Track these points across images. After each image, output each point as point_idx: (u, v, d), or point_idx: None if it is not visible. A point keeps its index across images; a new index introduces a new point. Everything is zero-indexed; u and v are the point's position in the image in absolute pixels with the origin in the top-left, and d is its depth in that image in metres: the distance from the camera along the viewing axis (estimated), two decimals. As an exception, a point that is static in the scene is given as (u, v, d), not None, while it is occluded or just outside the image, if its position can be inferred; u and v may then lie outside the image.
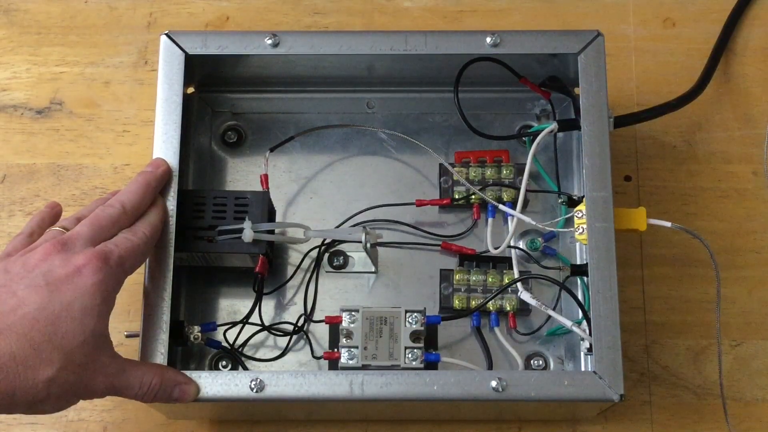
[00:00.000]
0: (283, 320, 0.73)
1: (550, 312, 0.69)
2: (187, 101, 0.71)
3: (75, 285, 0.58)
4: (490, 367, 0.71)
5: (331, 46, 0.70)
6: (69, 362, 0.57)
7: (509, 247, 0.72)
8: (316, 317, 0.72)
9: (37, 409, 0.58)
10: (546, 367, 0.72)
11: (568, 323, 0.68)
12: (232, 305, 0.73)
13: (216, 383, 0.63)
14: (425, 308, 0.67)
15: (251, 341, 0.72)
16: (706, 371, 0.74)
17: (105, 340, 0.59)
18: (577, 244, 0.73)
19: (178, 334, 0.67)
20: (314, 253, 0.74)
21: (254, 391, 0.62)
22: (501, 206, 0.73)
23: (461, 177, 0.74)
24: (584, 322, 0.67)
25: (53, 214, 0.65)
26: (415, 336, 0.66)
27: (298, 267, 0.74)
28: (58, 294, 0.57)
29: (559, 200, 0.73)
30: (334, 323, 0.68)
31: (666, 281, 0.76)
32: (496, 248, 0.72)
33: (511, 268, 0.72)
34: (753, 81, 0.82)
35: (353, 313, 0.67)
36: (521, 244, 0.74)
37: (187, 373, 0.63)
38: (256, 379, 0.62)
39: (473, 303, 0.72)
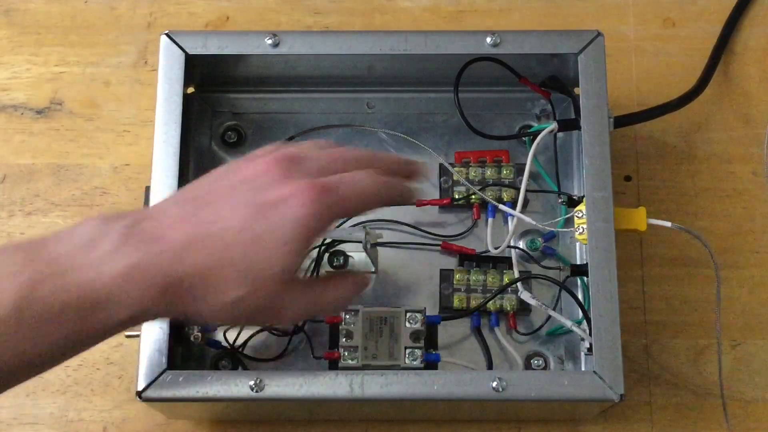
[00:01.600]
0: (283, 320, 0.73)
1: (550, 312, 0.69)
2: (187, 101, 0.71)
3: (282, 213, 0.53)
4: (490, 367, 0.71)
5: (331, 46, 0.70)
6: (256, 289, 0.53)
7: (509, 247, 0.72)
8: (316, 317, 0.72)
9: (216, 324, 0.56)
10: (546, 367, 0.72)
11: (568, 323, 0.68)
12: (232, 305, 0.73)
13: (216, 383, 0.63)
14: (425, 308, 0.67)
15: (251, 341, 0.72)
16: (706, 371, 0.74)
17: (293, 278, 0.55)
18: (577, 244, 0.73)
19: (178, 334, 0.67)
20: (314, 253, 0.74)
21: (254, 391, 0.62)
22: (501, 206, 0.73)
23: (461, 177, 0.74)
24: (584, 322, 0.67)
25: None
26: (415, 336, 0.66)
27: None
28: (263, 218, 0.53)
29: (559, 200, 0.73)
30: (334, 323, 0.68)
31: (666, 281, 0.76)
32: (496, 248, 0.72)
33: (511, 268, 0.72)
34: (753, 81, 0.82)
35: (353, 313, 0.67)
36: (521, 244, 0.74)
37: (187, 372, 0.63)
38: (256, 379, 0.62)
39: (473, 303, 0.72)
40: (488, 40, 0.70)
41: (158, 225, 0.52)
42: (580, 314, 0.68)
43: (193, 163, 0.74)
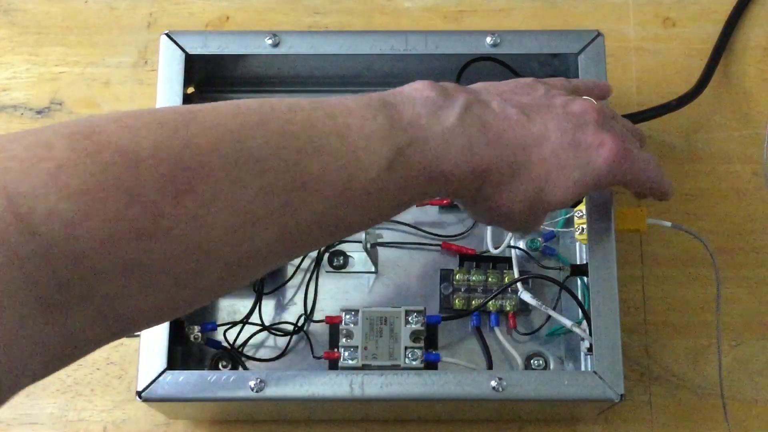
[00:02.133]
0: (283, 320, 0.73)
1: (550, 312, 0.69)
2: (187, 101, 0.71)
3: (589, 157, 0.56)
4: (490, 367, 0.71)
5: (331, 46, 0.70)
6: (531, 208, 0.56)
7: (509, 247, 0.72)
8: (316, 317, 0.72)
9: (478, 218, 0.59)
10: (546, 367, 0.72)
11: (568, 323, 0.68)
12: (232, 305, 0.73)
13: (216, 383, 0.63)
14: (425, 308, 0.67)
15: (251, 341, 0.72)
16: (706, 371, 0.74)
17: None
18: (577, 244, 0.73)
19: (178, 334, 0.67)
20: (314, 253, 0.74)
21: (254, 391, 0.62)
22: (501, 206, 0.73)
23: (461, 177, 0.74)
24: (584, 322, 0.67)
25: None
26: (415, 336, 0.66)
27: (298, 267, 0.74)
28: (574, 153, 0.55)
29: (559, 200, 0.73)
30: (334, 323, 0.68)
31: (666, 281, 0.76)
32: (496, 248, 0.72)
33: (511, 268, 0.72)
34: (753, 81, 0.82)
35: (353, 313, 0.67)
36: (521, 244, 0.74)
37: (187, 372, 0.63)
38: (257, 379, 0.62)
39: (473, 303, 0.72)
40: (488, 40, 0.70)
41: (488, 114, 0.54)
42: (580, 314, 0.68)
43: (193, 163, 0.74)
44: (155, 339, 0.63)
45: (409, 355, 0.66)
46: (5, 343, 0.38)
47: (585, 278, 0.69)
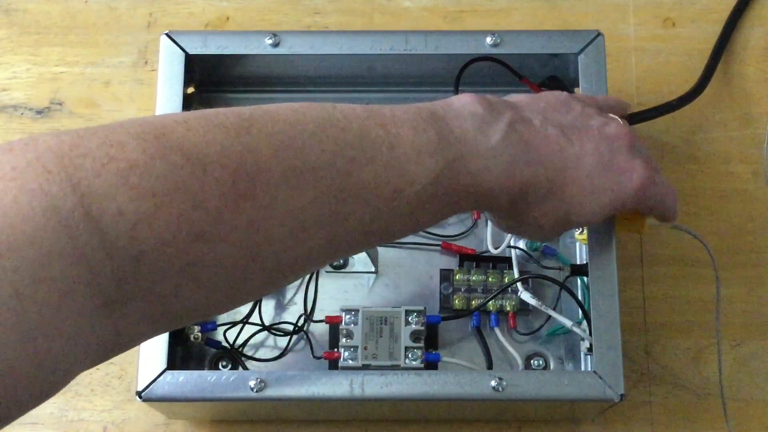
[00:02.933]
0: (283, 320, 0.73)
1: (550, 312, 0.69)
2: (187, 101, 0.71)
3: (620, 182, 0.57)
4: (490, 367, 0.71)
5: (331, 46, 0.70)
6: (561, 225, 0.57)
7: (509, 247, 0.72)
8: (316, 317, 0.72)
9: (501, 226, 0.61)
10: (546, 367, 0.72)
11: (568, 323, 0.68)
12: (232, 305, 0.73)
13: (216, 383, 0.63)
14: (425, 308, 0.67)
15: (251, 341, 0.72)
16: (706, 371, 0.74)
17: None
18: (577, 244, 0.73)
19: (178, 334, 0.67)
20: (314, 253, 0.74)
21: (254, 391, 0.62)
22: (501, 206, 0.73)
23: (461, 177, 0.74)
24: (584, 322, 0.67)
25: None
26: (415, 336, 0.66)
27: (298, 267, 0.74)
28: (606, 176, 0.56)
29: (559, 200, 0.73)
30: (334, 323, 0.68)
31: (666, 281, 0.76)
32: (496, 248, 0.73)
33: (511, 268, 0.72)
34: (753, 81, 0.82)
35: (353, 313, 0.67)
36: (521, 244, 0.74)
37: (187, 372, 0.63)
38: (257, 379, 0.62)
39: (473, 303, 0.72)
40: (488, 40, 0.70)
41: (530, 133, 0.55)
42: (580, 314, 0.68)
43: (193, 163, 0.74)
44: (155, 339, 0.63)
45: (409, 355, 0.66)
46: (66, 335, 0.39)
47: (585, 278, 0.69)
